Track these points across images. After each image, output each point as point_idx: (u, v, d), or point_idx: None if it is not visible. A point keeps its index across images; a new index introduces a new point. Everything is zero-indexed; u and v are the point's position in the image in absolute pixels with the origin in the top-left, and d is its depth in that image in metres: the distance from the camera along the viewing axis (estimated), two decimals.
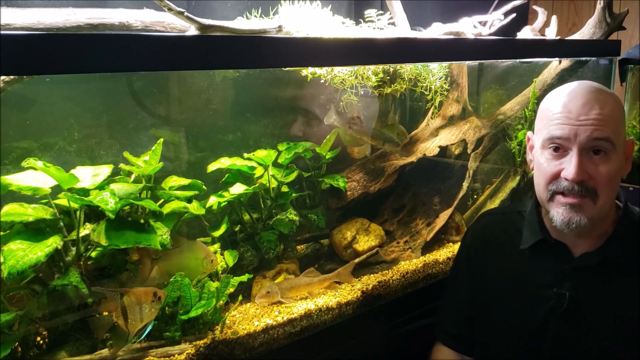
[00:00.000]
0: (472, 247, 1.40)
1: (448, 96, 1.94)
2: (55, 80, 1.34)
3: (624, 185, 2.28)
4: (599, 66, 2.07)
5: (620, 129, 1.14)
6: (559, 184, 1.13)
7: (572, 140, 1.12)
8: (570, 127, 1.11)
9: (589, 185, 1.11)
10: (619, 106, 1.15)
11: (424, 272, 1.66)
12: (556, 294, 1.19)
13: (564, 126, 1.12)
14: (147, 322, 1.14)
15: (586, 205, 1.12)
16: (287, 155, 1.58)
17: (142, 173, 1.29)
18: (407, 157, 1.84)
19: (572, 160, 1.11)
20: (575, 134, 1.11)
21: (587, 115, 1.11)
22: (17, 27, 1.00)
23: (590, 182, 1.11)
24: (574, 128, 1.11)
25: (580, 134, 1.10)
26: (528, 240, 1.26)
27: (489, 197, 2.01)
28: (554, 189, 1.15)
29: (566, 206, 1.13)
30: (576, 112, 1.12)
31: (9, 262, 1.00)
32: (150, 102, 1.54)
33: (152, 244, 1.16)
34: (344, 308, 1.46)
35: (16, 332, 1.07)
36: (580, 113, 1.11)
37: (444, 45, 1.48)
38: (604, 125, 1.10)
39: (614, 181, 1.13)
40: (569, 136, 1.12)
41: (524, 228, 1.29)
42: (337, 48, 1.22)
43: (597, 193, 1.12)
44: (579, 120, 1.11)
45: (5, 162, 1.25)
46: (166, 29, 1.19)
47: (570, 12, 2.99)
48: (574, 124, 1.11)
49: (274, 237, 1.53)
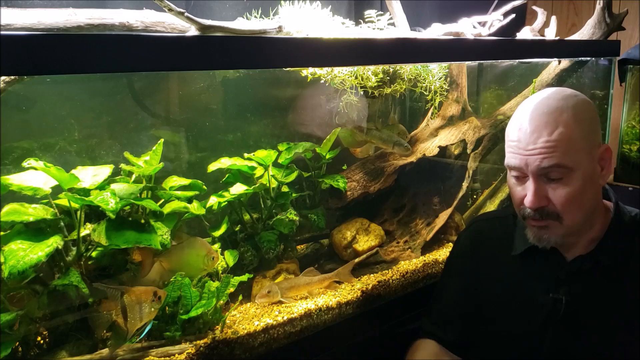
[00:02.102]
0: (465, 252, 1.39)
1: (448, 96, 1.94)
2: (55, 81, 1.34)
3: (623, 185, 2.29)
4: (599, 66, 2.07)
5: (578, 147, 1.08)
6: (524, 211, 1.15)
7: (525, 169, 1.12)
8: (521, 157, 1.11)
9: (550, 210, 1.12)
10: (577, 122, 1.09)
11: (423, 272, 1.66)
12: (552, 299, 1.18)
13: (516, 155, 1.13)
14: (147, 321, 1.14)
15: (553, 226, 1.13)
16: (287, 156, 1.58)
17: (143, 173, 1.29)
18: (406, 157, 1.84)
19: (529, 188, 1.12)
20: (526, 164, 1.11)
21: (534, 144, 1.09)
22: (17, 28, 1.01)
23: (550, 206, 1.11)
24: (524, 158, 1.10)
25: (530, 164, 1.10)
26: (519, 247, 1.26)
27: (489, 197, 2.01)
28: (522, 214, 1.17)
29: (535, 227, 1.16)
30: (525, 142, 1.10)
31: (9, 262, 1.01)
32: (151, 102, 1.54)
33: (152, 244, 1.17)
34: (343, 308, 1.46)
35: (17, 331, 1.07)
36: (529, 142, 1.10)
37: (443, 45, 1.48)
38: (552, 153, 1.07)
39: (577, 201, 1.11)
40: (521, 166, 1.12)
41: (515, 234, 1.29)
42: (337, 48, 1.22)
43: (559, 216, 1.12)
44: (527, 150, 1.10)
45: (6, 162, 1.25)
46: (166, 30, 1.19)
47: (569, 13, 3.00)
48: (523, 154, 1.11)
49: (274, 237, 1.53)
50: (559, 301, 1.18)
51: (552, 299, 1.19)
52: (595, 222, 1.19)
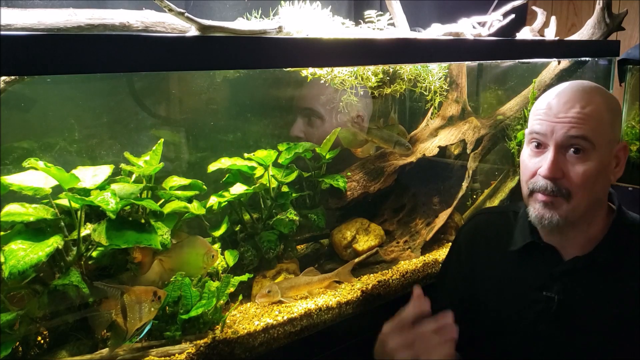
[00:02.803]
0: (463, 245, 1.39)
1: (447, 96, 1.94)
2: (55, 81, 1.34)
3: (623, 185, 2.29)
4: (598, 66, 2.07)
5: (604, 129, 1.12)
6: (536, 183, 1.14)
7: (549, 137, 1.12)
8: (548, 123, 1.12)
9: (563, 185, 1.11)
10: (608, 107, 1.13)
11: (423, 272, 1.66)
12: (545, 297, 1.19)
13: (543, 122, 1.14)
14: (146, 321, 1.14)
15: (558, 204, 1.12)
16: (287, 156, 1.58)
17: (143, 173, 1.29)
18: (406, 157, 1.84)
19: (547, 157, 1.12)
20: (552, 131, 1.12)
21: (566, 112, 1.11)
22: (17, 28, 1.01)
23: (564, 181, 1.11)
24: (552, 124, 1.12)
25: (556, 131, 1.11)
26: (518, 242, 1.26)
27: (489, 197, 2.01)
28: (532, 187, 1.16)
29: (540, 203, 1.14)
30: (556, 109, 1.13)
31: (10, 261, 1.01)
32: (151, 102, 1.54)
33: (152, 244, 1.17)
34: (343, 307, 1.46)
35: (17, 331, 1.08)
36: (560, 110, 1.12)
37: (443, 45, 1.48)
38: (582, 124, 1.09)
39: (591, 182, 1.11)
40: (547, 132, 1.12)
41: (515, 229, 1.29)
42: (337, 49, 1.22)
43: (570, 193, 1.11)
44: (557, 118, 1.12)
45: (6, 162, 1.25)
46: (166, 30, 1.19)
47: (569, 13, 3.00)
48: (552, 120, 1.12)
49: (274, 237, 1.53)
50: (551, 299, 1.18)
51: (545, 297, 1.19)
52: (595, 219, 1.18)
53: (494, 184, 2.03)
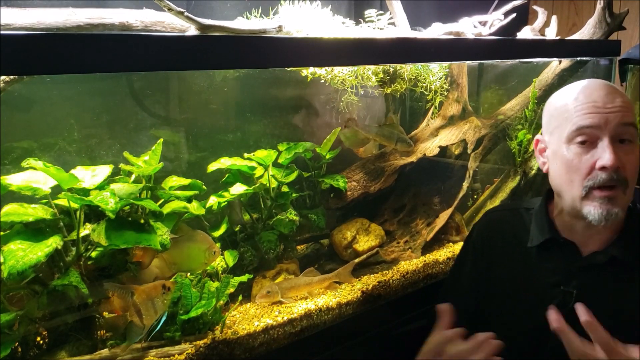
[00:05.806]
0: (478, 243, 1.39)
1: (448, 96, 1.94)
2: (55, 80, 1.34)
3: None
4: (599, 66, 2.07)
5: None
6: (596, 178, 1.12)
7: (602, 128, 1.11)
8: (600, 115, 1.12)
9: (622, 175, 1.11)
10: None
11: (424, 272, 1.66)
12: (563, 292, 1.19)
13: (593, 115, 1.12)
14: (161, 313, 1.16)
15: (619, 196, 1.12)
16: (287, 156, 1.58)
17: (142, 173, 1.29)
18: (407, 157, 1.84)
19: (605, 148, 1.11)
20: (606, 121, 1.11)
21: (613, 103, 1.12)
22: (17, 27, 1.00)
23: (623, 171, 1.11)
24: (604, 116, 1.11)
25: (610, 121, 1.11)
26: (536, 239, 1.26)
27: (489, 197, 2.01)
28: (591, 184, 1.13)
29: (603, 199, 1.12)
30: (602, 101, 1.12)
31: (9, 262, 1.00)
32: (150, 102, 1.54)
33: (152, 244, 1.16)
34: (343, 308, 1.46)
35: (16, 332, 1.07)
36: (607, 101, 1.12)
37: (444, 45, 1.48)
38: (629, 112, 1.12)
39: (638, 172, 1.13)
40: (599, 124, 1.12)
41: (532, 226, 1.29)
42: (337, 48, 1.22)
43: (627, 183, 1.12)
44: (607, 108, 1.12)
45: (5, 162, 1.25)
46: (166, 29, 1.19)
47: (570, 12, 2.99)
48: (602, 112, 1.12)
49: (274, 237, 1.53)
50: (569, 294, 1.18)
51: (563, 291, 1.19)
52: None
53: (495, 183, 2.03)
